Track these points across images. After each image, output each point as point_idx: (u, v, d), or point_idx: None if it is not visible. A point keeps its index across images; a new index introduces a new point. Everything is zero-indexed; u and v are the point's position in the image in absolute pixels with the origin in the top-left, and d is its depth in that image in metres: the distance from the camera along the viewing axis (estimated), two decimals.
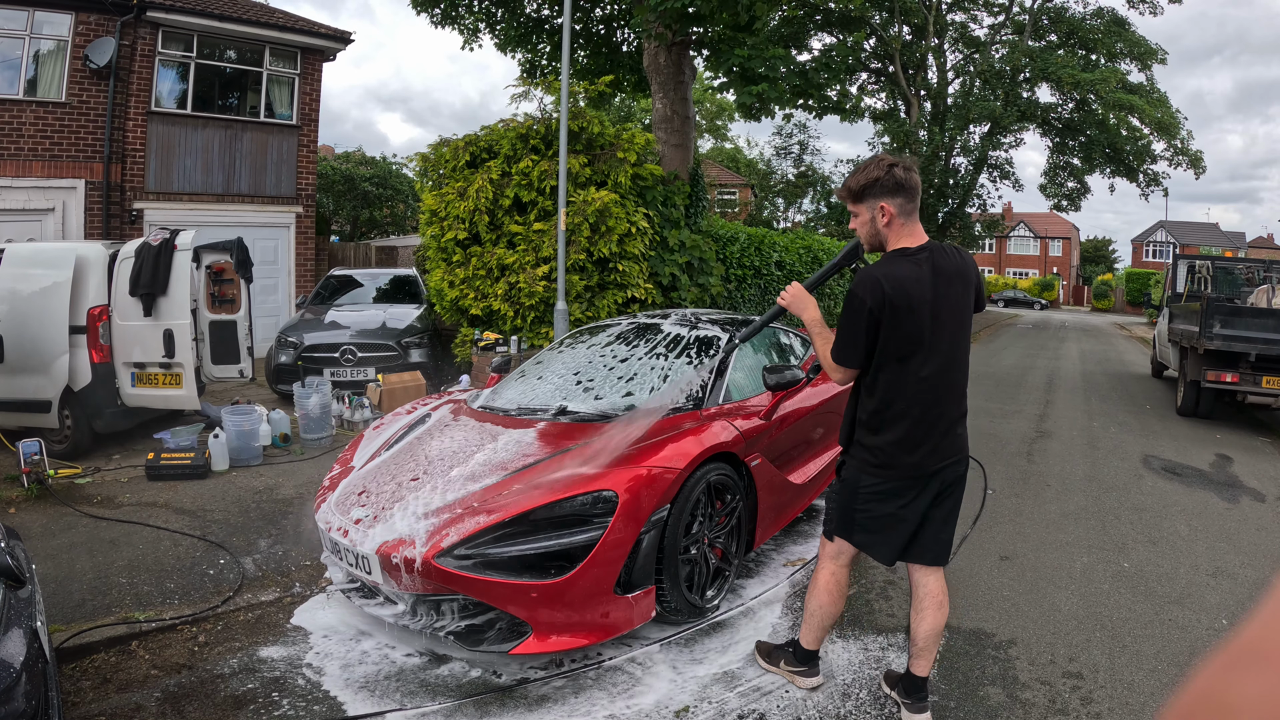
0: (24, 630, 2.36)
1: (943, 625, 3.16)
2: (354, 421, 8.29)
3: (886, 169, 2.98)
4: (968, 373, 3.12)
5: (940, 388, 2.99)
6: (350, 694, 3.37)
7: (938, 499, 3.07)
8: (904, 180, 2.97)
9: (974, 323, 3.32)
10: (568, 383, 5.10)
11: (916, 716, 3.12)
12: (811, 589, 3.30)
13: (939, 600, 3.14)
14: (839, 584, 3.24)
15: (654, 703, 3.30)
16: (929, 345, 2.95)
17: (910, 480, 3.02)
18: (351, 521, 3.82)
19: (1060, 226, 68.37)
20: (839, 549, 3.21)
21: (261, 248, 13.60)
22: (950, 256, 3.04)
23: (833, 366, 3.08)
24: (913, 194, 3.00)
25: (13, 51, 12.01)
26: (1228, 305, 9.75)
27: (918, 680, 3.16)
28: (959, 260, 3.05)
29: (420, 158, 11.28)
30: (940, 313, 2.96)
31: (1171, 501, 6.33)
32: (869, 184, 3.00)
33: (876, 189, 2.99)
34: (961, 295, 3.02)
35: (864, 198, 3.03)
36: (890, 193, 2.98)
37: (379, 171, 27.99)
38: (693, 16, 10.68)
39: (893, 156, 3.06)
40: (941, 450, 3.02)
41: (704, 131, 46.25)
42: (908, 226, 3.02)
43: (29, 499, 5.85)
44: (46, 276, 7.03)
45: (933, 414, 2.99)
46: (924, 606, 3.15)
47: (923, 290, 2.92)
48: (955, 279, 3.00)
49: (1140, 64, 27.17)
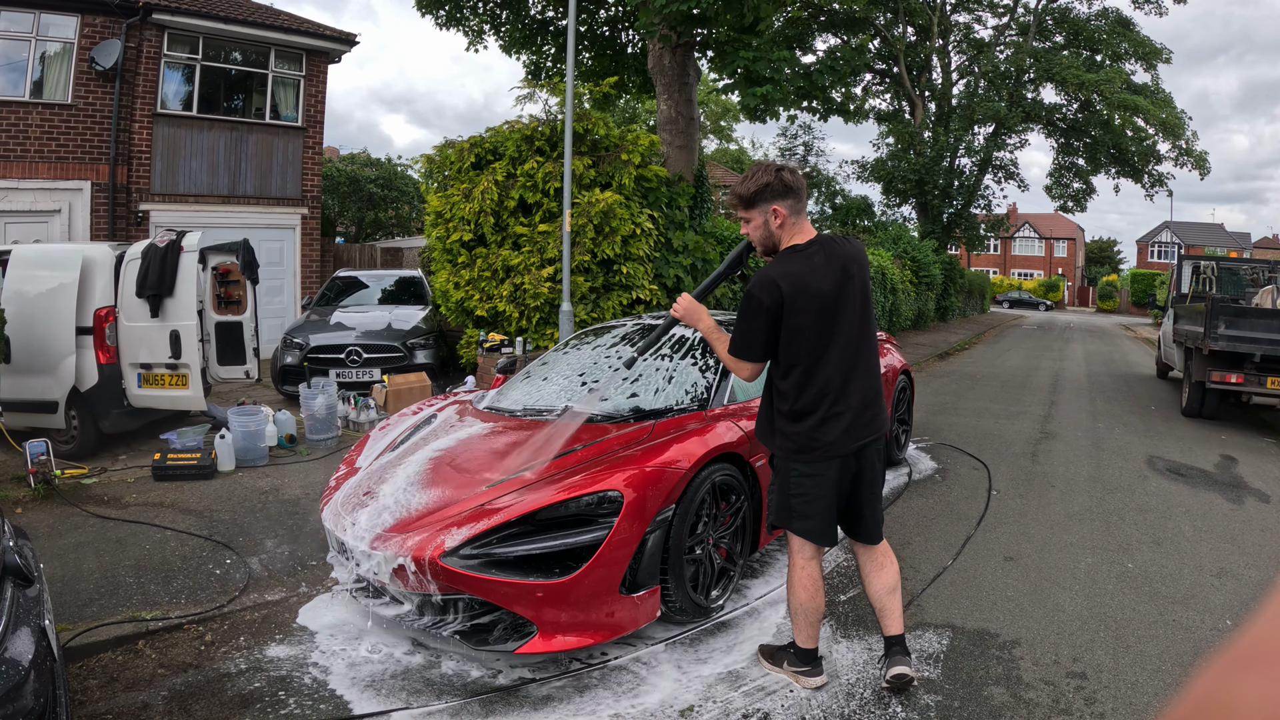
0: (32, 629, 2.37)
1: (891, 581, 3.37)
2: (359, 422, 8.31)
3: (775, 174, 3.18)
4: (877, 351, 3.32)
5: (849, 369, 3.18)
6: (356, 693, 3.38)
7: (859, 477, 3.28)
8: (792, 183, 3.18)
9: (980, 324, 3.36)
10: (573, 384, 5.12)
11: (903, 668, 3.28)
12: (789, 588, 3.42)
13: (879, 562, 3.39)
14: (811, 578, 3.34)
15: (659, 702, 3.30)
16: (832, 332, 3.14)
17: (830, 460, 3.19)
18: (357, 522, 3.84)
19: (1065, 227, 68.27)
20: (798, 544, 3.33)
21: (267, 249, 13.66)
22: (841, 245, 3.25)
23: (735, 363, 3.28)
24: (800, 194, 3.21)
25: (19, 54, 12.07)
26: (1233, 306, 9.73)
27: (897, 638, 3.35)
28: (850, 248, 3.27)
29: (425, 159, 11.31)
30: (840, 298, 3.15)
31: (1176, 502, 6.32)
32: (760, 189, 3.18)
33: (767, 193, 3.18)
34: (859, 279, 3.22)
35: (756, 203, 3.21)
36: (780, 195, 3.17)
37: (384, 173, 28.04)
38: (697, 18, 10.69)
39: (778, 162, 3.31)
40: (858, 429, 3.19)
41: (708, 133, 46.27)
42: (798, 225, 3.23)
43: (36, 499, 5.87)
44: (53, 278, 7.06)
45: (845, 395, 3.17)
46: (867, 573, 3.42)
47: (818, 280, 3.12)
48: (850, 264, 3.20)
49: (1145, 64, 27.16)
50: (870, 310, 3.27)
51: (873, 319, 3.29)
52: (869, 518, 3.35)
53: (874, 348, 3.29)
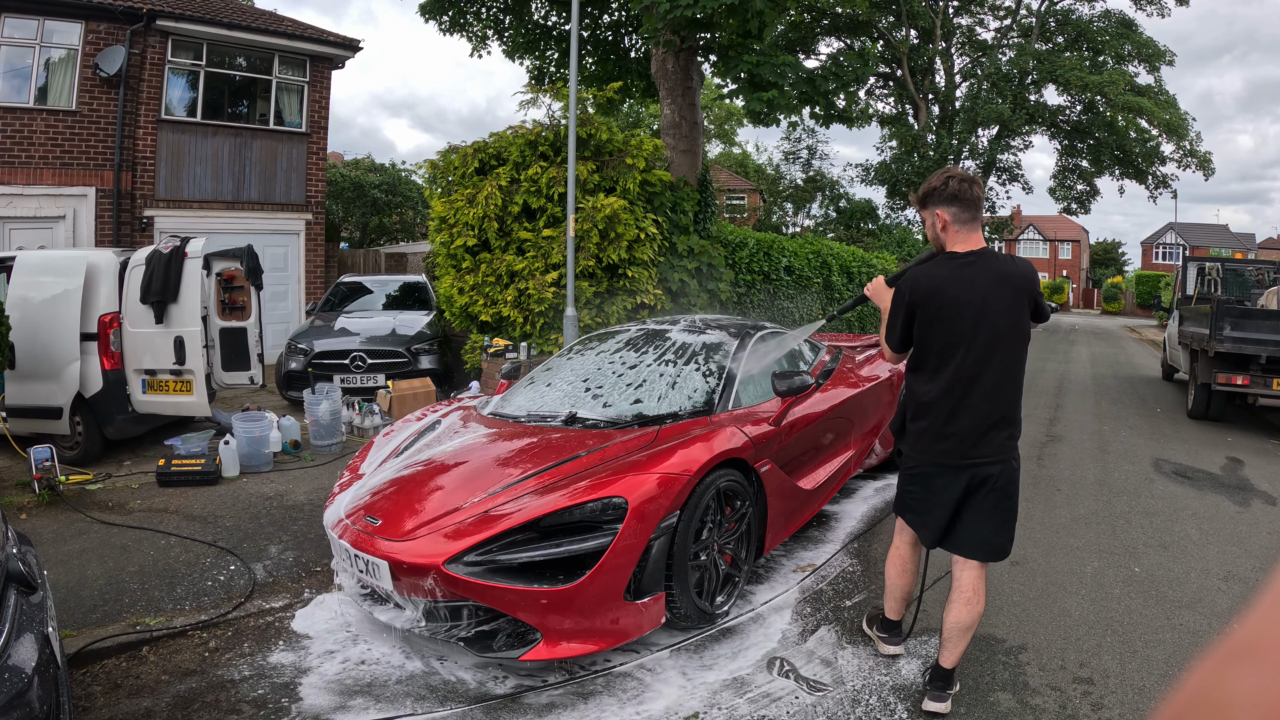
0: (36, 636, 2.37)
1: (970, 621, 3.25)
2: (364, 428, 8.31)
3: (945, 180, 3.24)
4: (1017, 380, 3.25)
5: (975, 384, 3.16)
6: (360, 699, 3.38)
7: (970, 492, 3.22)
8: (958, 191, 3.20)
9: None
10: (577, 389, 5.10)
11: (934, 704, 3.25)
12: (887, 563, 3.67)
13: (968, 596, 3.27)
14: (901, 558, 3.59)
15: (664, 709, 3.29)
16: (966, 342, 3.15)
17: (939, 468, 3.25)
18: (361, 527, 3.83)
19: (1069, 229, 68.15)
20: (900, 525, 3.56)
21: (271, 255, 13.67)
22: (1002, 263, 3.24)
23: (883, 346, 3.46)
24: (967, 204, 3.21)
25: (23, 60, 12.10)
26: (1238, 307, 9.69)
27: (942, 671, 3.30)
28: (1010, 267, 3.25)
29: (429, 165, 11.31)
30: (984, 314, 3.14)
31: (1182, 505, 6.29)
32: (929, 192, 3.28)
33: (935, 197, 3.25)
34: (1010, 299, 3.19)
35: (926, 204, 3.31)
36: (947, 202, 3.22)
37: (388, 178, 28.06)
38: (701, 23, 10.68)
39: (955, 169, 3.34)
40: (970, 446, 3.18)
41: (712, 136, 46.24)
42: (962, 233, 3.24)
43: (40, 505, 5.88)
44: (58, 284, 7.08)
45: (964, 408, 3.17)
46: (953, 599, 3.31)
47: (960, 290, 3.15)
48: (1003, 283, 3.18)
49: (1148, 65, 27.15)
50: (1018, 333, 3.23)
51: (1015, 341, 3.22)
52: (968, 531, 3.26)
53: (1010, 372, 3.21)
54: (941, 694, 3.27)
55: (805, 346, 6.21)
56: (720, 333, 5.46)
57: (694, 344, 5.33)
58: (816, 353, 6.28)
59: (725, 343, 5.30)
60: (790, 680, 3.53)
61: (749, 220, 37.41)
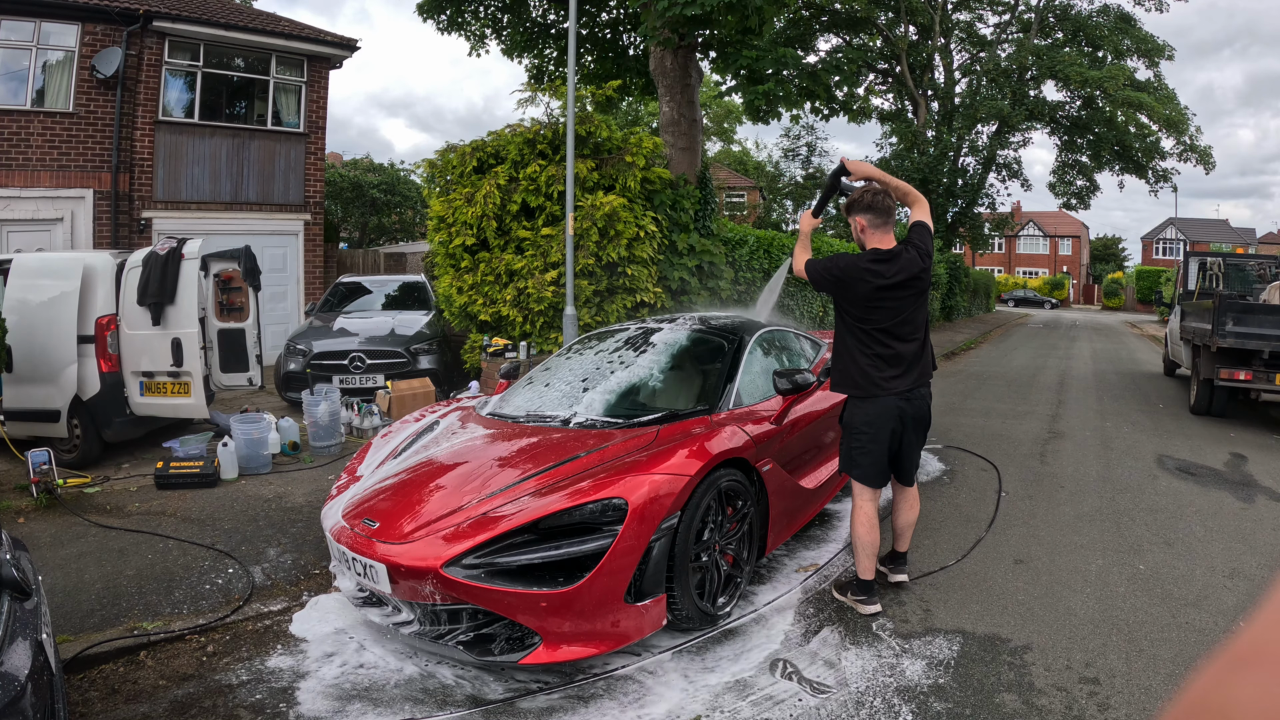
0: (30, 642, 2.34)
1: (915, 518, 4.49)
2: (363, 429, 8.28)
3: (863, 193, 4.16)
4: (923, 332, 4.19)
5: (891, 335, 4.05)
6: (358, 704, 3.35)
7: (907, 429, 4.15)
8: (872, 203, 4.11)
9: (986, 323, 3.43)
10: (576, 389, 5.06)
11: (898, 576, 4.46)
12: (851, 526, 4.24)
13: (913, 500, 4.47)
14: (868, 517, 4.16)
15: (665, 712, 3.26)
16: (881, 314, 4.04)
17: (884, 409, 4.06)
18: (359, 530, 3.80)
19: (1070, 225, 68.12)
20: (859, 488, 4.17)
21: (270, 255, 13.65)
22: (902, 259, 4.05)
23: (799, 270, 4.27)
24: (879, 213, 4.10)
25: (20, 63, 12.07)
26: (1240, 302, 9.65)
27: (899, 554, 4.51)
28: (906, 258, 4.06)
29: (428, 164, 11.28)
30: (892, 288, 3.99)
31: (1186, 502, 6.26)
32: (852, 202, 4.18)
33: (856, 206, 4.15)
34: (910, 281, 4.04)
35: (850, 211, 4.20)
36: (863, 210, 4.13)
37: (387, 178, 28.07)
38: (700, 20, 10.64)
39: (872, 185, 4.24)
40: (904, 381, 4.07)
41: (711, 134, 46.24)
42: (877, 235, 4.13)
43: (38, 508, 5.85)
44: (55, 286, 7.04)
45: (888, 353, 4.04)
46: (903, 506, 4.47)
47: (875, 278, 3.99)
48: (905, 269, 4.02)
49: (1148, 60, 27.13)
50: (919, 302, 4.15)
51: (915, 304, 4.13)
52: (908, 461, 4.30)
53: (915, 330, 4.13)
54: (901, 568, 4.47)
55: (807, 345, 6.18)
56: (720, 331, 5.42)
57: (694, 342, 5.30)
58: (818, 350, 6.25)
59: (725, 341, 5.26)
60: (793, 682, 3.49)
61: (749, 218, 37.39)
